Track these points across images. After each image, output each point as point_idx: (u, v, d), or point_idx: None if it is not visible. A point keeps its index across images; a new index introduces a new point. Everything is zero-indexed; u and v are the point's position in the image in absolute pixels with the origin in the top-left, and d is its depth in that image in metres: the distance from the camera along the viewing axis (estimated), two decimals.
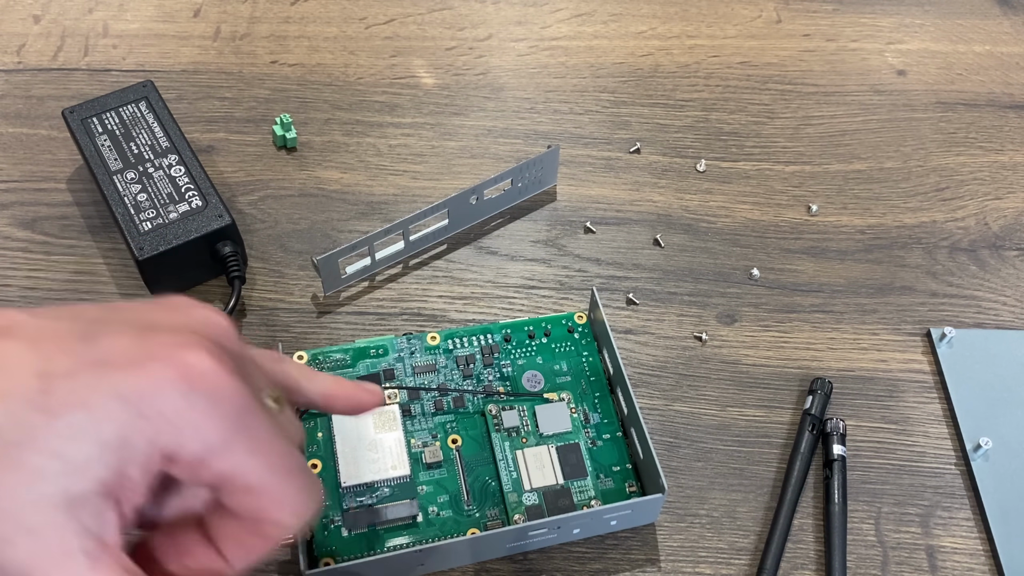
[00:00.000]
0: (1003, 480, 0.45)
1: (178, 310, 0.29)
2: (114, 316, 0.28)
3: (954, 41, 0.64)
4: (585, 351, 0.47)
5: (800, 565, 0.43)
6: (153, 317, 0.28)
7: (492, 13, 0.64)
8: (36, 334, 0.26)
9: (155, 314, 0.29)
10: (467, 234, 0.53)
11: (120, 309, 0.29)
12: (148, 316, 0.28)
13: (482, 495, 0.43)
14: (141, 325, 0.27)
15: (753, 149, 0.58)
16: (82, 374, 0.25)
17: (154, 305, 0.30)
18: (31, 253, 0.51)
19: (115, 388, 0.25)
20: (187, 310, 0.29)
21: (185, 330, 0.28)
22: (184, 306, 0.30)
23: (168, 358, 0.26)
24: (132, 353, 0.26)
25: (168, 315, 0.29)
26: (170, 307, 0.29)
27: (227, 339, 0.29)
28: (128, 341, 0.26)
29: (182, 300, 0.30)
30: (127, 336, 0.27)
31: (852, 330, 0.50)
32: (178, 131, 0.51)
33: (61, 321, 0.27)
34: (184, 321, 0.28)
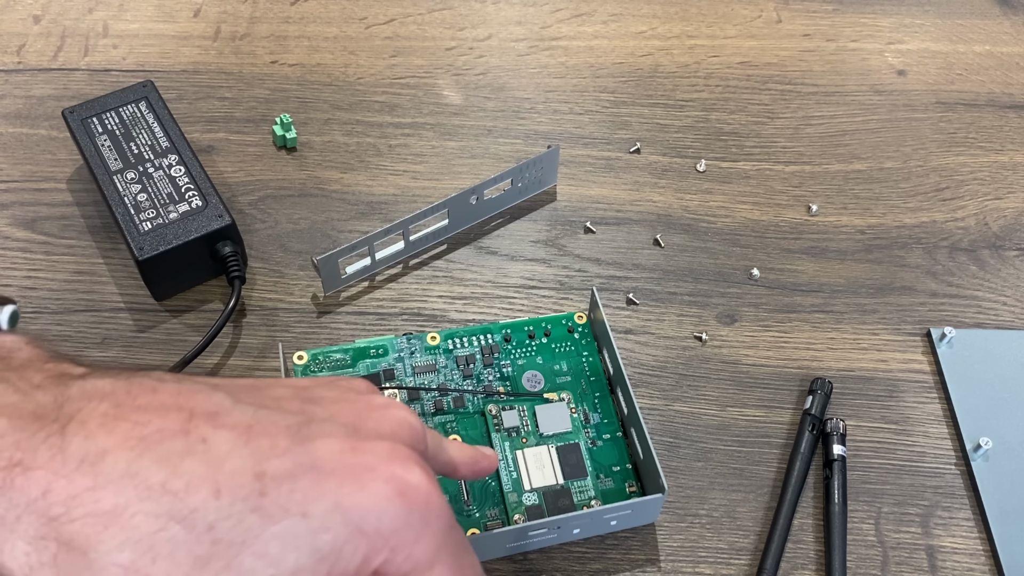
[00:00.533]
0: (1003, 480, 0.45)
1: (375, 409, 0.29)
2: (318, 412, 0.28)
3: (954, 41, 0.64)
4: (585, 351, 0.47)
5: (800, 565, 0.43)
6: (354, 416, 0.28)
7: (492, 13, 0.64)
8: (245, 425, 0.26)
9: (354, 411, 0.29)
10: (467, 234, 0.53)
11: (318, 400, 0.29)
12: (349, 414, 0.28)
13: (482, 495, 0.43)
14: (348, 426, 0.28)
15: (753, 149, 0.58)
16: (300, 479, 0.25)
17: (347, 397, 0.29)
18: (31, 253, 0.51)
19: (335, 499, 0.25)
20: (384, 412, 0.29)
21: (391, 437, 0.28)
22: (379, 405, 0.30)
23: (387, 473, 0.26)
24: (348, 462, 0.26)
25: (368, 415, 0.29)
26: (365, 403, 0.29)
27: (420, 441, 0.29)
28: (341, 447, 0.26)
29: (368, 389, 0.31)
30: (338, 440, 0.27)
31: (852, 330, 0.50)
32: (178, 131, 0.51)
33: (266, 411, 0.27)
34: (386, 426, 0.29)
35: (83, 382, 0.26)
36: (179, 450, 0.25)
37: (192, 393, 0.26)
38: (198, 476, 0.24)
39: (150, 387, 0.26)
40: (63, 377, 0.26)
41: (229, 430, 0.25)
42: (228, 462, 0.25)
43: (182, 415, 0.25)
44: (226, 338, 0.49)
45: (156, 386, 0.26)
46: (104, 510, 0.23)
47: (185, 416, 0.25)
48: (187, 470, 0.24)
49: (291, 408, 0.28)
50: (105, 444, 0.24)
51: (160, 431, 0.25)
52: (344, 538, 0.25)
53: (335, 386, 0.30)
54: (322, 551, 0.24)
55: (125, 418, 0.25)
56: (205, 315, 0.49)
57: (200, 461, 0.24)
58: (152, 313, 0.49)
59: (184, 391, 0.26)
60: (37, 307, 0.49)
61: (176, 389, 0.26)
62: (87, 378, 0.26)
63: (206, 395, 0.26)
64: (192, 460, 0.24)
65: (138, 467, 0.24)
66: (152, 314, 0.49)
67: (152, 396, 0.26)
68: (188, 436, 0.25)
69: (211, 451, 0.25)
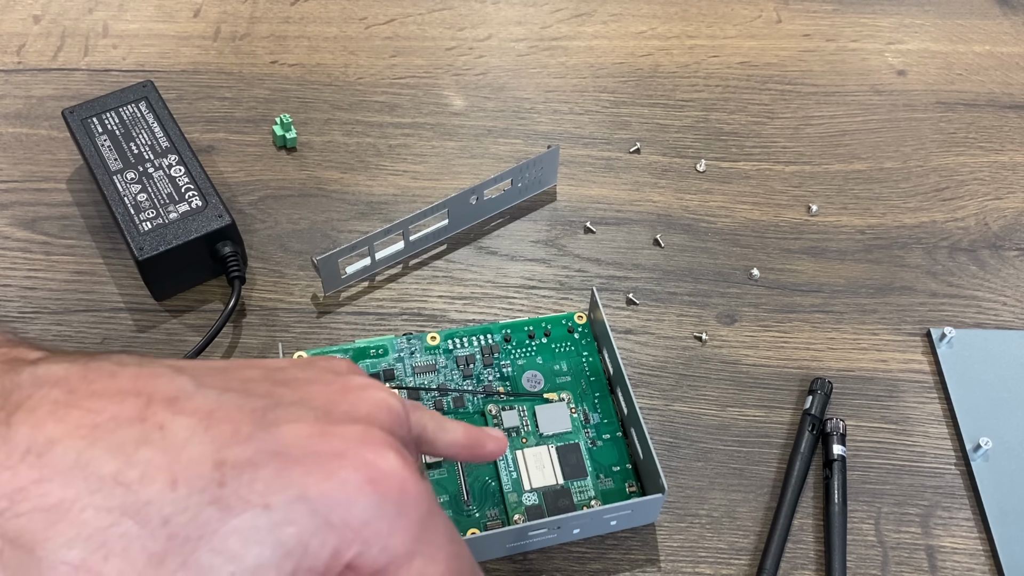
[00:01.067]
0: (1003, 480, 0.45)
1: (352, 390, 0.27)
2: (287, 394, 0.26)
3: (954, 41, 0.64)
4: (585, 351, 0.47)
5: (800, 565, 0.43)
6: (327, 398, 0.27)
7: (492, 13, 0.64)
8: (207, 410, 0.24)
9: (328, 393, 0.27)
10: (467, 234, 0.53)
11: (290, 382, 0.27)
12: (322, 396, 0.27)
13: (482, 495, 0.43)
14: (318, 410, 0.26)
15: (753, 149, 0.58)
16: (262, 467, 0.23)
17: (324, 378, 0.28)
18: (31, 253, 0.51)
19: (299, 489, 0.23)
20: (361, 393, 0.27)
21: (366, 420, 0.26)
22: (357, 385, 0.28)
23: (356, 460, 0.24)
24: (315, 448, 0.24)
25: (343, 396, 0.27)
26: (342, 384, 0.27)
27: (400, 425, 0.27)
28: (308, 431, 0.25)
29: (348, 369, 0.29)
30: (306, 424, 0.25)
31: (852, 330, 0.50)
32: (178, 131, 0.51)
33: (231, 394, 0.25)
34: (362, 408, 0.27)
35: (35, 368, 0.24)
36: (134, 438, 0.23)
37: (153, 377, 0.25)
38: (153, 466, 0.23)
39: (108, 371, 0.24)
40: (15, 363, 0.25)
41: (189, 416, 0.24)
42: (186, 450, 0.23)
43: (140, 400, 0.24)
44: (226, 338, 0.49)
45: (115, 370, 0.25)
46: (51, 504, 0.22)
47: (143, 402, 0.24)
48: (142, 459, 0.23)
49: (259, 391, 0.26)
50: (53, 433, 0.23)
51: (115, 418, 0.23)
52: (310, 531, 0.23)
53: (312, 366, 0.28)
54: (287, 545, 0.23)
55: (77, 405, 0.23)
56: (205, 315, 0.49)
57: (156, 450, 0.23)
58: (152, 313, 0.49)
59: (144, 375, 0.25)
60: (37, 307, 0.49)
61: (136, 373, 0.25)
62: (40, 363, 0.25)
63: (168, 379, 0.25)
64: (147, 449, 0.23)
65: (89, 457, 0.22)
66: (152, 314, 0.49)
67: (109, 381, 0.24)
68: (145, 423, 0.23)
69: (168, 439, 0.23)
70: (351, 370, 0.29)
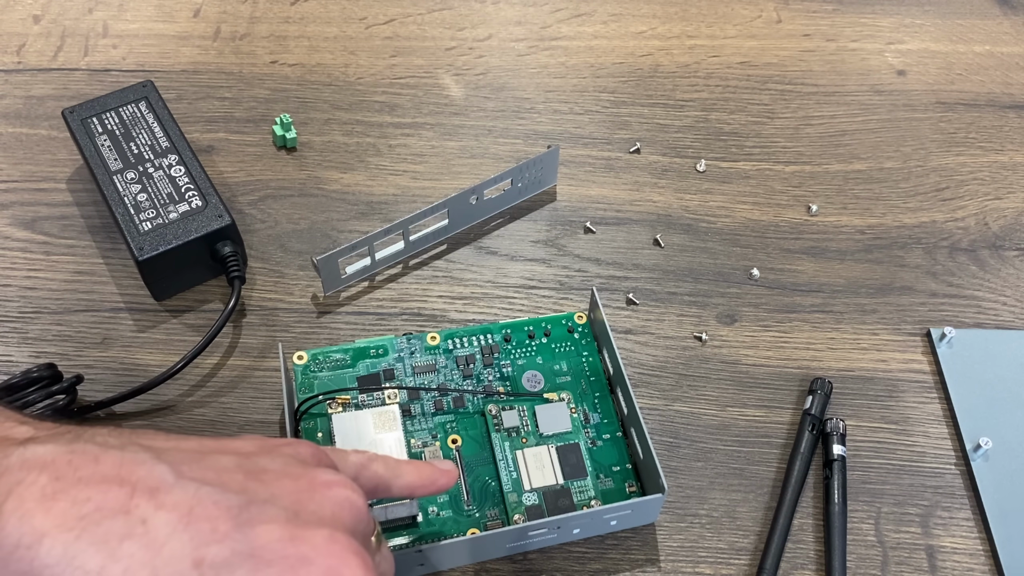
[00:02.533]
0: (1003, 480, 0.45)
1: (318, 488, 0.29)
2: (260, 490, 0.28)
3: (954, 41, 0.64)
4: (585, 351, 0.47)
5: (800, 565, 0.43)
6: (296, 495, 0.28)
7: (492, 13, 0.64)
8: (187, 507, 0.26)
9: (297, 490, 0.29)
10: (467, 234, 0.53)
11: (261, 475, 0.29)
12: (292, 492, 0.28)
13: (482, 495, 0.43)
14: (288, 509, 0.27)
15: (753, 149, 0.58)
16: (238, 568, 0.25)
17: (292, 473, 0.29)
18: (31, 253, 0.51)
19: None
20: (327, 492, 0.29)
21: (331, 523, 0.28)
22: (323, 482, 0.29)
23: (321, 565, 0.26)
24: (286, 552, 0.26)
25: (310, 495, 0.29)
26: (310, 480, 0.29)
27: (362, 521, 0.29)
28: (280, 534, 0.26)
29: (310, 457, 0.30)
30: (278, 526, 0.27)
31: (852, 330, 0.50)
32: (178, 131, 0.51)
33: (208, 489, 0.27)
34: (327, 508, 0.29)
35: (23, 450, 0.26)
36: (119, 532, 0.24)
37: (135, 464, 0.26)
38: (136, 561, 0.24)
39: (92, 456, 0.26)
40: (4, 442, 0.26)
41: (169, 511, 0.25)
42: (167, 546, 0.25)
43: (124, 491, 0.25)
44: (226, 338, 0.49)
45: (98, 455, 0.26)
46: None
47: (127, 492, 0.25)
48: (125, 554, 0.24)
49: (234, 486, 0.27)
50: (42, 526, 0.24)
51: (99, 509, 0.25)
52: None
53: (279, 454, 0.30)
54: None
55: (64, 494, 0.25)
56: (205, 315, 0.49)
57: (139, 545, 0.24)
58: (152, 313, 0.49)
59: (127, 461, 0.26)
60: (37, 307, 0.49)
61: (119, 459, 0.26)
62: (28, 445, 0.26)
63: (148, 468, 0.26)
64: (131, 544, 0.24)
65: (75, 551, 0.24)
66: (152, 314, 0.49)
67: (94, 467, 0.26)
68: (129, 516, 0.25)
69: (150, 534, 0.25)
70: (316, 459, 0.31)
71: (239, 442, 0.30)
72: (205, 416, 0.46)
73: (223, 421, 0.46)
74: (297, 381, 0.45)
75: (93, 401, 0.45)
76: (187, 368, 0.46)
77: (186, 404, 0.46)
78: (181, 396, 0.47)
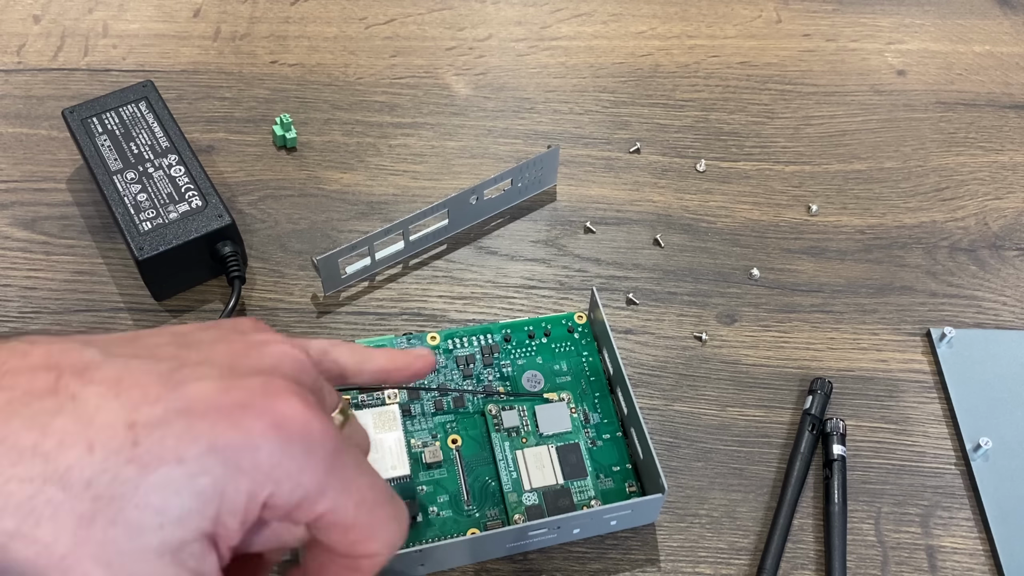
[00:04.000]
0: (1003, 480, 0.45)
1: (254, 346, 0.29)
2: (192, 355, 0.27)
3: (954, 41, 0.64)
4: (585, 351, 0.47)
5: (800, 565, 0.43)
6: (231, 355, 0.28)
7: (492, 13, 0.64)
8: (116, 377, 0.26)
9: (232, 352, 0.28)
10: (467, 234, 0.53)
11: (195, 344, 0.28)
12: (226, 354, 0.28)
13: (482, 495, 0.43)
14: (223, 367, 0.27)
15: (753, 149, 0.58)
16: (172, 425, 0.25)
17: (227, 337, 0.29)
18: (31, 253, 0.51)
19: (209, 441, 0.25)
20: (263, 348, 0.29)
21: (269, 372, 0.27)
22: (259, 341, 0.29)
23: (260, 408, 0.26)
24: (221, 401, 0.26)
25: (246, 353, 0.28)
26: (245, 341, 0.29)
27: (304, 372, 0.29)
28: (214, 387, 0.26)
29: (252, 328, 0.30)
30: (212, 381, 0.26)
31: (852, 330, 0.50)
32: (178, 131, 0.51)
33: (138, 360, 0.26)
34: (265, 361, 0.28)
35: None
36: (49, 409, 0.24)
37: (63, 352, 0.26)
38: (69, 434, 0.24)
39: (21, 352, 0.26)
40: None
41: (98, 384, 0.25)
42: (99, 416, 0.24)
43: (51, 375, 0.25)
44: None
45: (27, 350, 0.26)
46: None
47: (54, 376, 0.25)
48: (57, 429, 0.24)
49: (165, 355, 0.27)
50: None
51: (28, 393, 0.25)
52: (224, 478, 0.25)
53: (218, 327, 0.30)
54: (205, 493, 0.24)
55: None
56: (205, 315, 0.49)
57: (70, 418, 0.24)
58: (152, 313, 0.49)
59: (55, 351, 0.26)
60: (37, 307, 0.49)
61: (47, 350, 0.26)
62: None
63: (78, 353, 0.26)
64: (62, 418, 0.24)
65: (6, 432, 0.24)
66: (152, 314, 0.49)
67: (22, 360, 0.26)
68: (57, 395, 0.25)
69: (80, 407, 0.24)
70: (256, 328, 0.30)
71: (176, 326, 0.30)
72: None
73: None
74: None
75: None
76: None
77: None
78: None
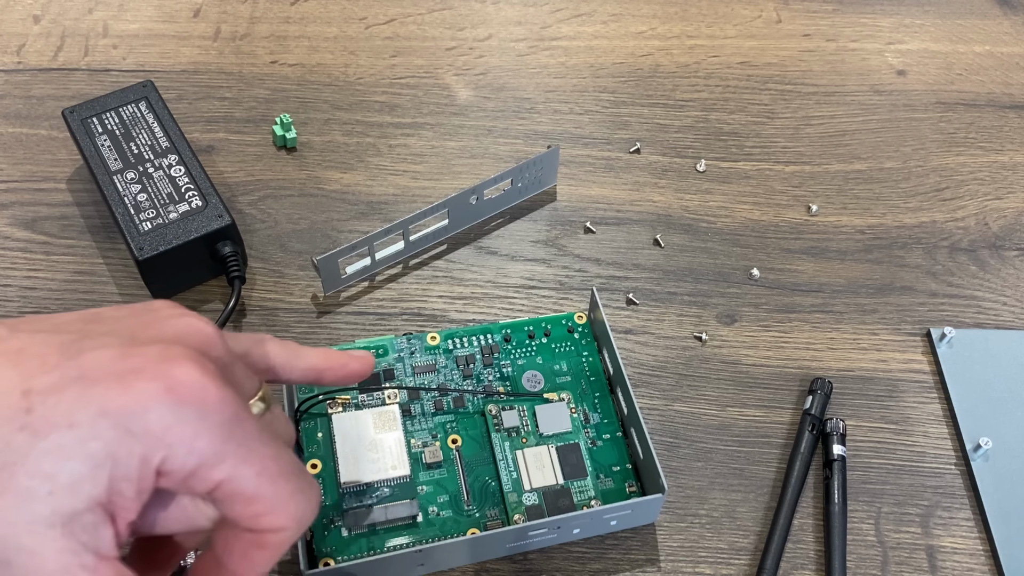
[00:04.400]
0: (1003, 480, 0.45)
1: (161, 320, 0.29)
2: (97, 328, 0.28)
3: (954, 41, 0.64)
4: (585, 351, 0.47)
5: (800, 565, 0.43)
6: (136, 328, 0.28)
7: (492, 13, 0.64)
8: (17, 349, 0.26)
9: (138, 324, 0.28)
10: (467, 234, 0.53)
11: (102, 319, 0.28)
12: (131, 327, 0.28)
13: (482, 495, 0.43)
14: (125, 337, 0.27)
15: (753, 149, 0.58)
16: (66, 391, 0.25)
17: (137, 313, 0.29)
18: (31, 253, 0.51)
19: (100, 405, 0.25)
20: (170, 321, 0.29)
21: (170, 341, 0.27)
22: (167, 315, 0.29)
23: (154, 372, 0.26)
24: (116, 368, 0.26)
25: (151, 325, 0.28)
26: (153, 316, 0.29)
27: (212, 346, 0.29)
28: (111, 354, 0.26)
29: (165, 307, 0.30)
30: (110, 349, 0.26)
31: (852, 330, 0.50)
32: (178, 131, 0.51)
33: (42, 334, 0.26)
34: (168, 331, 0.28)
35: None
36: None
37: None
38: None
39: None
40: None
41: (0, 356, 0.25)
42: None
43: None
44: None
45: None
46: None
47: None
48: None
49: (70, 329, 0.27)
50: None
51: None
52: (115, 442, 0.25)
53: (131, 307, 0.30)
54: (96, 458, 0.24)
55: None
56: (205, 315, 0.49)
57: None
58: None
59: None
60: (37, 307, 0.49)
61: None
62: None
63: None
64: None
65: None
66: None
67: None
68: None
69: None
70: (169, 307, 0.30)
71: (95, 309, 0.30)
72: None
73: None
74: None
75: None
76: None
77: None
78: None
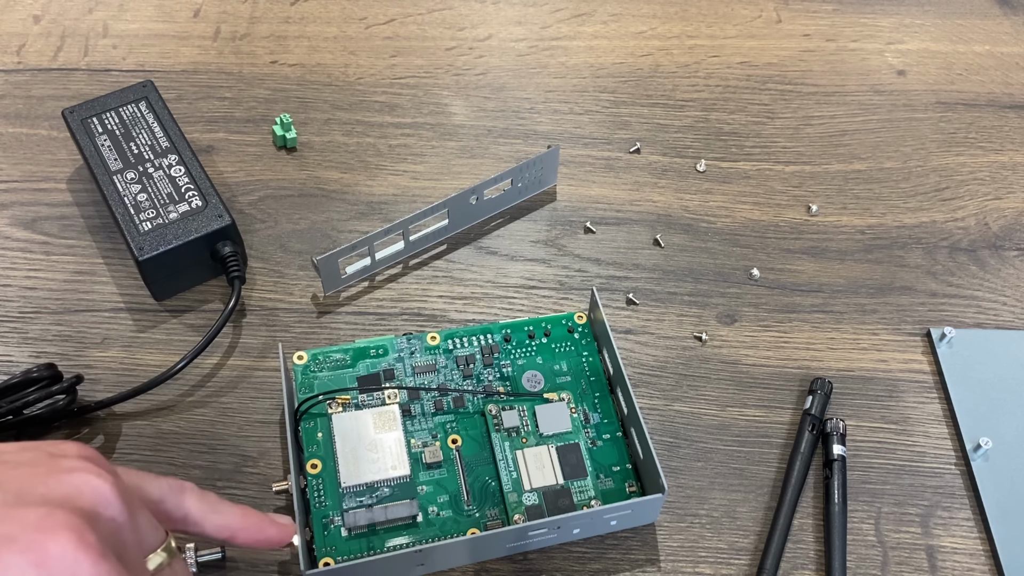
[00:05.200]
0: (1003, 480, 0.45)
1: (58, 473, 0.28)
2: None
3: (954, 41, 0.64)
4: (585, 351, 0.47)
5: (800, 565, 0.43)
6: (29, 480, 0.27)
7: (492, 13, 0.64)
8: None
9: (32, 476, 0.27)
10: (467, 234, 0.53)
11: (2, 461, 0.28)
12: (23, 478, 0.27)
13: (482, 495, 0.43)
14: (10, 494, 0.26)
15: (753, 149, 0.58)
16: None
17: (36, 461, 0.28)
18: (31, 253, 0.51)
19: None
20: (66, 476, 0.28)
21: (58, 503, 0.26)
22: (68, 467, 0.28)
23: (26, 543, 0.25)
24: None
25: (45, 479, 0.27)
26: (53, 465, 0.28)
27: (105, 506, 0.28)
28: None
29: (73, 451, 0.29)
30: None
31: (852, 330, 0.50)
32: (178, 131, 0.51)
33: None
34: (61, 489, 0.27)
35: None
36: None
37: None
38: None
39: None
40: None
41: None
42: None
43: None
44: (226, 338, 0.49)
45: None
46: None
47: None
48: None
49: None
50: None
51: None
52: None
53: (37, 449, 0.29)
54: None
55: None
56: (205, 315, 0.49)
57: None
58: (152, 313, 0.49)
59: None
60: (37, 307, 0.49)
61: None
62: None
63: None
64: None
65: None
66: (152, 314, 0.49)
67: None
68: None
69: None
70: (78, 453, 0.29)
71: (5, 444, 0.29)
72: (205, 416, 0.46)
73: (223, 421, 0.46)
74: (297, 381, 0.45)
75: (93, 401, 0.45)
76: (187, 368, 0.46)
77: (186, 404, 0.46)
78: (181, 396, 0.47)
